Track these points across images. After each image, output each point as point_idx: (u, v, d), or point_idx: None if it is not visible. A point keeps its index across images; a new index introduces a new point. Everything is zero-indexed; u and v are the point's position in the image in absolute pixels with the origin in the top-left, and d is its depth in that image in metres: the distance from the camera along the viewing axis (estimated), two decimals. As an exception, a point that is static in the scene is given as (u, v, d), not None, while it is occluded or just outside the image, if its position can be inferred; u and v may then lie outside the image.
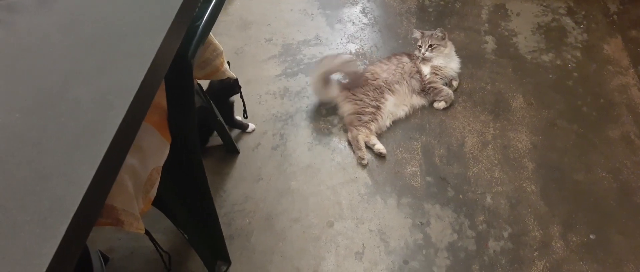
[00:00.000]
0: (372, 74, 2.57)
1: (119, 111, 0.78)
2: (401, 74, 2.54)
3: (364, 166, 2.25)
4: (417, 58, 2.61)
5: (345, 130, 2.42)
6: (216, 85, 2.15)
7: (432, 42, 2.60)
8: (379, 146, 2.30)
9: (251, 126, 2.42)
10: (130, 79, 0.83)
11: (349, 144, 2.36)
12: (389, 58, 2.68)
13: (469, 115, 2.50)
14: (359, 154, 2.26)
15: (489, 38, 2.98)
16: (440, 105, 2.53)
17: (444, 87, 2.55)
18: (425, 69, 2.59)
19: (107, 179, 0.76)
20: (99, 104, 0.80)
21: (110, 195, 1.03)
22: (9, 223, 0.66)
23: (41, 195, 0.69)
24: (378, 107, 2.41)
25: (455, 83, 2.63)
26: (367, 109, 2.40)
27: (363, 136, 2.33)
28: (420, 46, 2.62)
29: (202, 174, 1.52)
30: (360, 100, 2.45)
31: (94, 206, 0.72)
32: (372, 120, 2.37)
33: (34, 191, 0.69)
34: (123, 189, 1.07)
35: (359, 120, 2.38)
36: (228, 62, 1.73)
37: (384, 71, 2.56)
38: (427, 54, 2.58)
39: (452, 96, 2.54)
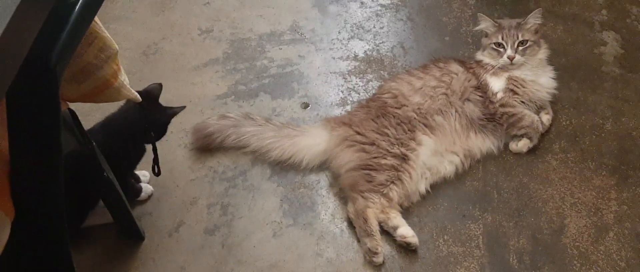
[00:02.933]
0: (395, 97, 2.62)
1: None
2: (446, 95, 2.59)
3: (378, 266, 2.25)
4: (491, 68, 2.67)
5: (344, 200, 2.45)
6: (127, 115, 2.18)
7: (525, 38, 2.67)
8: (405, 230, 2.30)
9: (146, 190, 2.44)
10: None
11: (350, 224, 2.37)
12: (425, 68, 2.73)
13: (572, 176, 2.53)
14: (369, 245, 2.26)
15: (608, 35, 3.07)
16: (520, 145, 2.58)
17: (527, 112, 2.61)
18: (497, 84, 2.65)
19: None
20: None
21: None
22: None
23: None
24: (404, 158, 2.43)
25: (546, 117, 2.68)
26: (384, 161, 2.43)
27: (376, 210, 2.33)
28: (498, 44, 2.67)
29: (71, 280, 1.51)
30: (372, 144, 2.48)
31: None
32: (393, 182, 2.39)
33: None
34: None
35: (369, 182, 2.40)
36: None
37: (417, 92, 2.61)
38: (517, 57, 2.65)
39: (540, 128, 2.60)
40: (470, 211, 2.43)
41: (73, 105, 1.79)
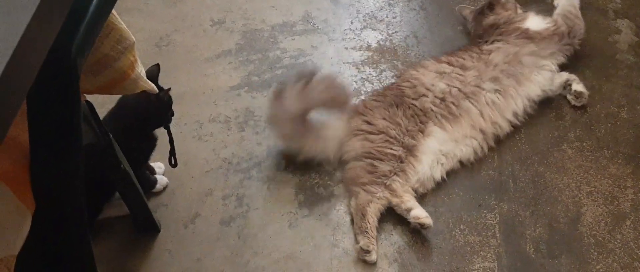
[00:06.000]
0: (414, 86, 2.62)
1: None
2: (479, 72, 2.63)
3: (371, 265, 2.24)
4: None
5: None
6: (132, 105, 2.17)
7: None
8: (419, 212, 2.29)
9: (161, 181, 2.45)
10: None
11: (352, 220, 2.37)
12: (455, 53, 2.77)
13: (588, 165, 2.53)
14: (361, 243, 2.24)
15: (623, 23, 3.06)
16: (577, 88, 2.71)
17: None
18: (535, 22, 2.83)
19: None
20: None
21: None
22: None
23: None
24: (411, 150, 2.44)
25: (578, 86, 2.73)
26: (389, 151, 2.43)
27: (379, 206, 2.33)
28: None
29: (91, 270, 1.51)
30: (380, 133, 2.48)
31: None
32: (396, 174, 2.39)
33: None
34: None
35: (371, 173, 2.40)
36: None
37: (444, 77, 2.62)
38: None
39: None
40: (486, 200, 2.43)
41: (88, 97, 1.80)
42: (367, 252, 2.22)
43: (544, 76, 2.67)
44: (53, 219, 1.37)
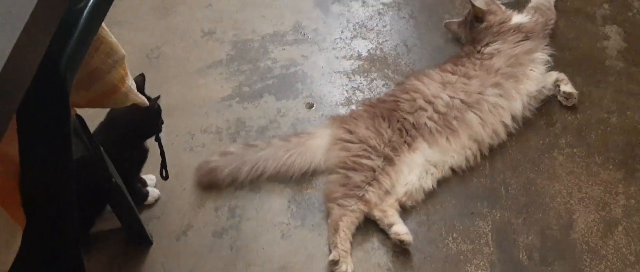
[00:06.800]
0: (413, 99, 2.60)
1: None
2: (506, 70, 2.66)
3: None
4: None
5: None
6: (122, 117, 2.17)
7: None
8: (400, 228, 2.29)
9: (153, 194, 2.44)
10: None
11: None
12: (458, 61, 2.78)
13: (579, 171, 2.53)
14: (330, 256, 2.22)
15: (611, 29, 3.07)
16: (566, 87, 2.74)
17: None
18: (518, 17, 2.90)
19: None
20: None
21: None
22: None
23: None
24: (390, 161, 2.43)
25: (566, 87, 2.74)
26: (365, 161, 2.42)
27: (354, 218, 2.32)
28: None
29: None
30: (359, 142, 2.48)
31: None
32: (369, 184, 2.38)
33: None
34: None
35: (344, 186, 2.38)
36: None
37: (447, 87, 2.62)
38: None
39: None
40: (478, 208, 2.42)
41: (78, 111, 1.79)
42: (336, 263, 2.21)
43: (538, 70, 2.71)
44: (44, 232, 1.36)
